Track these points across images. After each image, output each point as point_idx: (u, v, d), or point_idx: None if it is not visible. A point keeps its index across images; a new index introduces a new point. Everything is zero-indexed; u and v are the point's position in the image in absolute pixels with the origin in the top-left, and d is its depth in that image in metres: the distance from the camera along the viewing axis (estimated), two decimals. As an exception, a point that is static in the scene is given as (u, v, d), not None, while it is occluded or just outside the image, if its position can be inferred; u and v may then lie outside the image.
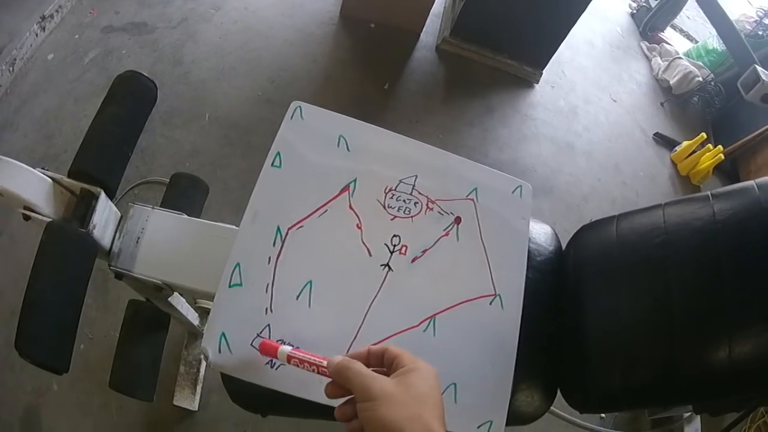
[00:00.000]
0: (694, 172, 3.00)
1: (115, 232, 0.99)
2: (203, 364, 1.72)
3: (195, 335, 1.73)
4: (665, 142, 3.15)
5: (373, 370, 0.60)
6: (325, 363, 0.63)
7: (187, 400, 1.67)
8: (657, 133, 3.16)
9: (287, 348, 0.69)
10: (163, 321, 1.24)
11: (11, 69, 2.25)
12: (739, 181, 3.00)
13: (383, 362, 0.63)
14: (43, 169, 0.89)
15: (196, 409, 1.68)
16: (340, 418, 0.61)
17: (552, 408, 1.12)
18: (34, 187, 0.86)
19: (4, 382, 1.63)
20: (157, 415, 1.66)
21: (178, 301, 1.26)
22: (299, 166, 0.89)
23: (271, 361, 0.76)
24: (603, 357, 1.03)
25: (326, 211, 0.87)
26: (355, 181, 0.90)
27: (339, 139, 0.93)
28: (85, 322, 1.72)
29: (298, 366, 0.67)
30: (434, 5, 2.87)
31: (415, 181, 0.93)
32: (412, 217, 0.90)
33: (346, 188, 0.89)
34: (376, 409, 0.56)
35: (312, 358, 0.65)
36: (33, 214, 0.86)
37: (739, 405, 1.33)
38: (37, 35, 2.39)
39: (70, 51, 2.44)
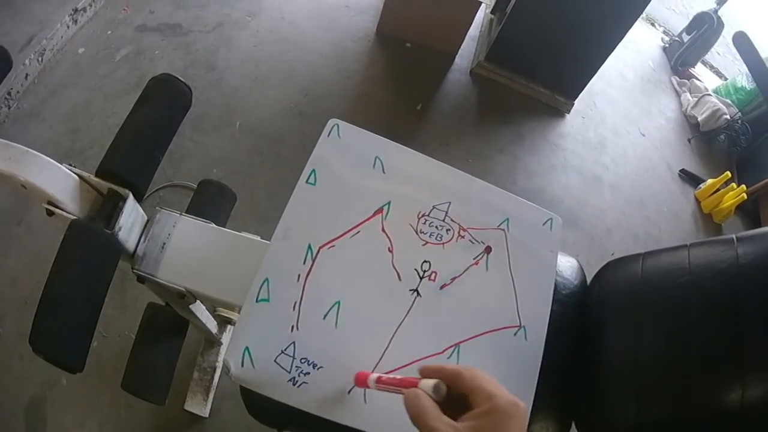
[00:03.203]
0: (716, 211, 2.96)
1: (141, 236, 0.98)
2: (218, 371, 1.72)
3: (212, 342, 1.73)
4: (690, 178, 3.13)
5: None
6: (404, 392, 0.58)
7: (199, 406, 1.66)
8: (683, 169, 3.13)
9: (374, 376, 0.68)
10: (182, 326, 1.23)
11: (40, 59, 2.26)
12: (759, 221, 2.96)
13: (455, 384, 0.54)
14: (69, 165, 0.87)
15: (207, 415, 1.67)
16: None
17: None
18: (60, 183, 0.84)
19: (11, 370, 1.63)
20: (167, 418, 1.66)
21: (199, 309, 1.25)
22: (334, 185, 0.89)
23: (293, 378, 0.75)
24: (618, 394, 1.02)
25: (359, 232, 0.86)
26: (389, 204, 0.90)
27: (375, 160, 0.92)
28: (100, 320, 1.71)
29: (383, 390, 0.65)
30: (471, 29, 2.87)
31: (448, 207, 0.92)
32: (443, 243, 0.90)
33: (379, 210, 0.89)
34: None
35: (393, 386, 0.62)
36: (57, 210, 0.85)
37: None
38: (68, 27, 2.40)
39: (102, 46, 2.45)
